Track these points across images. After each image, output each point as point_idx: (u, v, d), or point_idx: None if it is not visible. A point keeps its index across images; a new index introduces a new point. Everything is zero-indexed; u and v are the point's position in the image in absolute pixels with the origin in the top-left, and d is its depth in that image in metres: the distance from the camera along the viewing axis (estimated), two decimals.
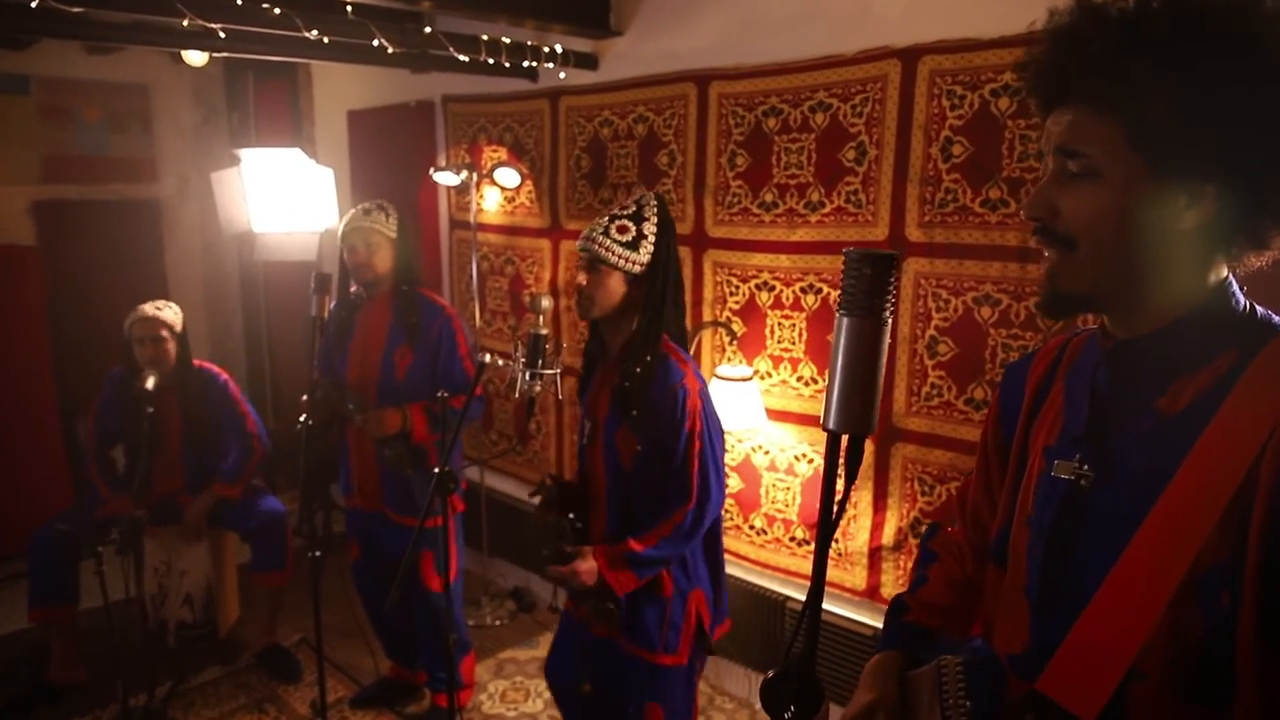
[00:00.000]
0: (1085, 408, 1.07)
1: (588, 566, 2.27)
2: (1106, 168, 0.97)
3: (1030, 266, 2.68)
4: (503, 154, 4.16)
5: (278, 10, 2.84)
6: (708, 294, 3.49)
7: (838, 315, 1.10)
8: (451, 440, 2.39)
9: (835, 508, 1.12)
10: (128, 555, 3.42)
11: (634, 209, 2.31)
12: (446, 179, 4.00)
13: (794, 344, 3.27)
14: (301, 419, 3.12)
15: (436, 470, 2.39)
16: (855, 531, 3.19)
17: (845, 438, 1.12)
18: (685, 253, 3.52)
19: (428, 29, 3.21)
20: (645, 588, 2.30)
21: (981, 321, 2.82)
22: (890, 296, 1.08)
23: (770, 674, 1.16)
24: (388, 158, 4.64)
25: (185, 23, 2.66)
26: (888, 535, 3.11)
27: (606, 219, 2.29)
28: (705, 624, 2.40)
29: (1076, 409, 1.09)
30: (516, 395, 2.31)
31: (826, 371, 1.11)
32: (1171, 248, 0.97)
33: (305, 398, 3.18)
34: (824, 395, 1.11)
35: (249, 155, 4.18)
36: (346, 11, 3.02)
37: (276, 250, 4.29)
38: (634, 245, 2.26)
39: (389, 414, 3.11)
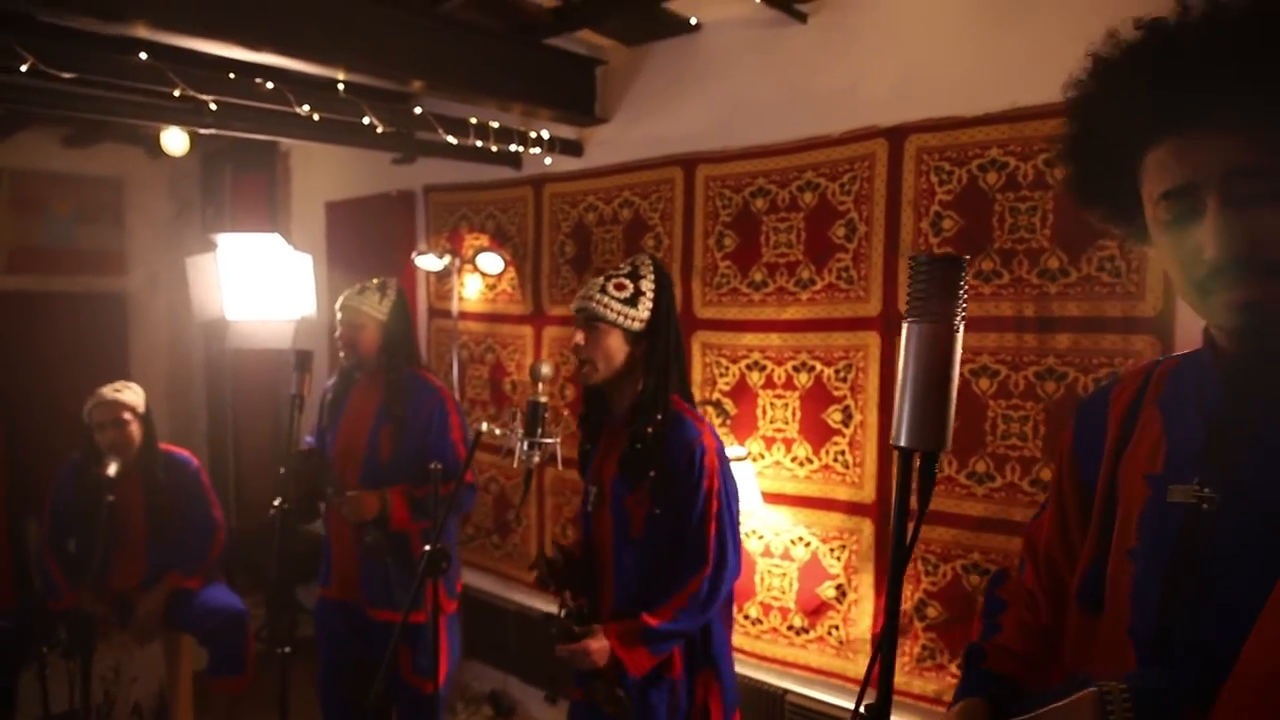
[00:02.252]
0: (1198, 428, 1.01)
1: (600, 645, 2.12)
2: None
3: (1027, 336, 2.68)
4: (485, 241, 4.15)
5: (270, 84, 2.84)
6: (697, 375, 3.44)
7: (905, 324, 1.05)
8: (444, 516, 2.26)
9: (909, 533, 1.05)
10: (74, 658, 3.18)
11: (629, 269, 2.26)
12: (429, 263, 3.97)
13: (787, 424, 3.21)
14: (276, 502, 2.96)
15: (427, 548, 2.25)
16: (856, 617, 3.07)
17: (917, 455, 1.05)
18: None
19: (417, 109, 3.22)
20: (655, 668, 2.15)
21: (980, 393, 2.79)
22: (962, 301, 1.04)
23: None
24: (366, 247, 4.61)
25: (177, 93, 2.64)
26: None
27: (602, 279, 2.25)
28: (713, 712, 2.24)
29: (1185, 431, 1.03)
30: (515, 465, 2.20)
31: (898, 387, 1.05)
32: None
33: (283, 470, 3.03)
34: (895, 410, 1.05)
35: (226, 240, 4.11)
36: (338, 89, 3.03)
37: (250, 338, 4.18)
38: (632, 302, 2.20)
39: (367, 497, 2.96)
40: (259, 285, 4.14)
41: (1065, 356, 2.63)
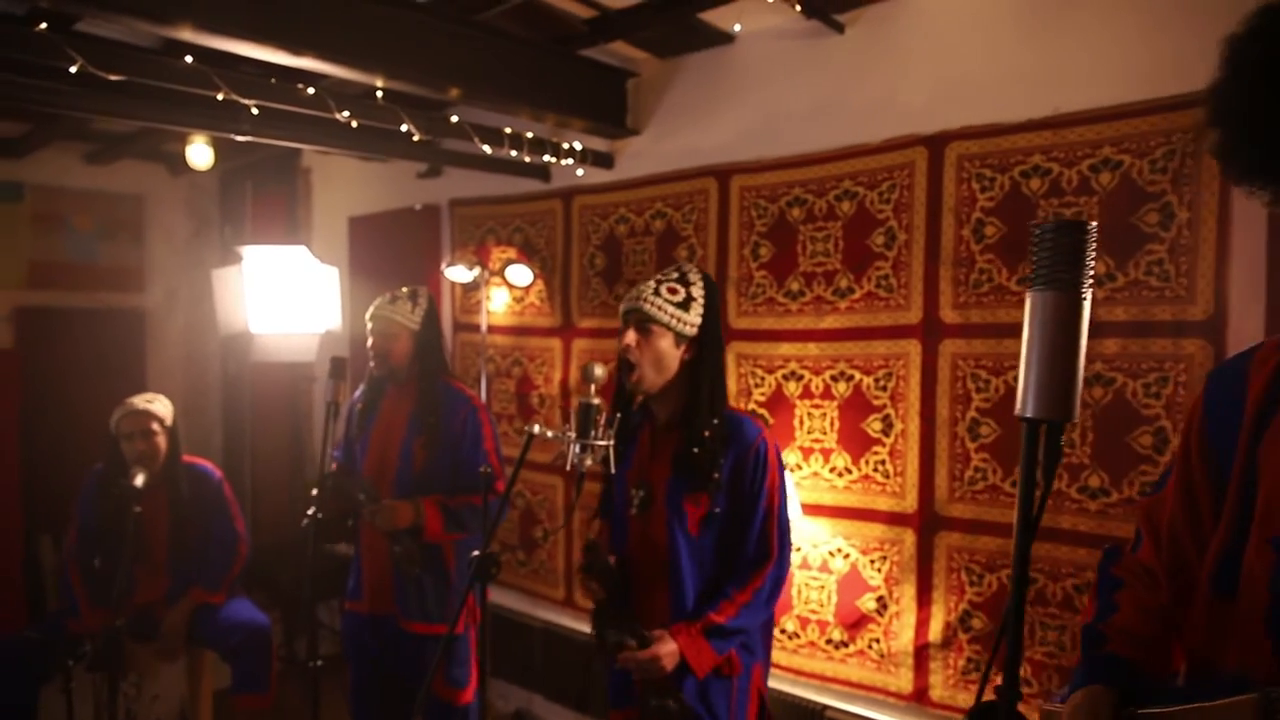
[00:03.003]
0: None
1: (669, 649, 2.09)
2: None
3: None
4: (512, 254, 4.14)
5: (311, 90, 2.84)
6: (731, 386, 3.41)
7: (1030, 293, 1.03)
8: (494, 523, 2.22)
9: (1036, 505, 1.02)
10: (100, 673, 3.12)
11: (678, 274, 2.26)
12: (459, 275, 3.95)
13: (825, 434, 3.18)
14: (310, 512, 2.92)
15: (476, 553, 2.21)
16: (898, 629, 3.02)
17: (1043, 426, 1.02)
18: None
19: (454, 118, 3.22)
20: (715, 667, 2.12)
21: None
22: (1089, 268, 1.02)
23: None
24: (390, 261, 4.60)
25: (220, 96, 2.63)
26: (935, 631, 2.94)
27: (653, 282, 2.23)
28: (763, 702, 2.23)
29: None
30: (568, 468, 2.17)
31: (1021, 357, 1.02)
32: None
33: (315, 490, 2.99)
34: (1019, 380, 1.02)
35: (251, 253, 4.10)
36: (376, 96, 3.03)
37: (274, 351, 4.15)
38: (685, 306, 2.19)
39: (400, 507, 2.92)
40: (284, 298, 4.13)
41: (1113, 362, 2.61)
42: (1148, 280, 2.55)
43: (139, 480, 3.33)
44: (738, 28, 2.81)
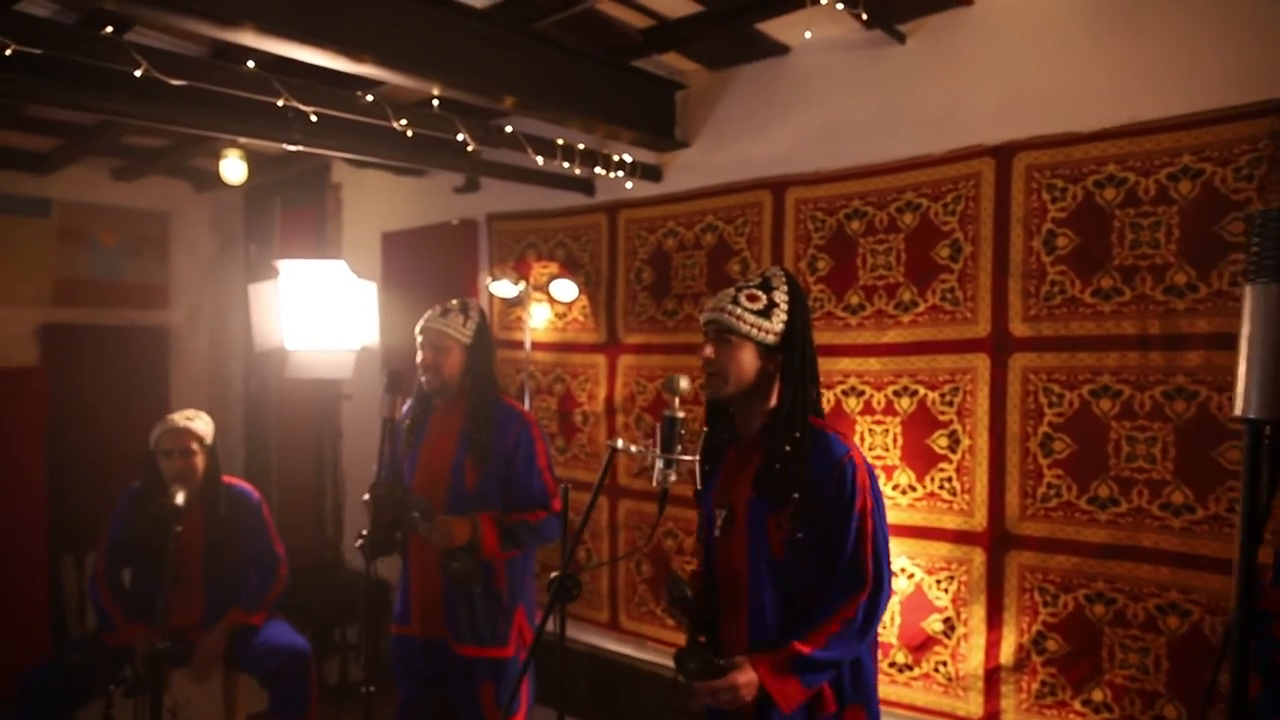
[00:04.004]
0: None
1: (747, 678, 1.97)
2: None
3: (1153, 354, 2.60)
4: (555, 269, 4.08)
5: (370, 98, 2.79)
6: None
7: (1250, 286, 0.96)
8: (577, 535, 2.14)
9: (1261, 506, 0.95)
10: (140, 696, 3.02)
11: (760, 280, 2.17)
12: (504, 290, 3.89)
13: (888, 450, 3.11)
14: (363, 533, 2.83)
15: (554, 576, 2.13)
16: (967, 652, 2.93)
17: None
18: None
19: (508, 128, 3.17)
20: (804, 705, 2.01)
21: (1101, 414, 2.70)
22: None
23: None
24: (425, 277, 4.53)
25: (280, 102, 2.58)
26: (1006, 654, 2.85)
27: (733, 290, 2.15)
28: None
29: None
30: (654, 485, 2.09)
31: (1241, 356, 0.95)
32: None
33: (366, 497, 2.91)
34: (1238, 382, 0.95)
35: (287, 267, 4.04)
36: (433, 105, 2.98)
37: (308, 368, 4.07)
38: (765, 314, 2.10)
39: (457, 523, 2.83)
40: (320, 314, 4.06)
41: (1196, 375, 2.54)
42: (1233, 291, 2.48)
43: (179, 499, 3.24)
44: (808, 35, 2.76)
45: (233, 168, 4.34)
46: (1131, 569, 2.64)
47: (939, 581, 3.00)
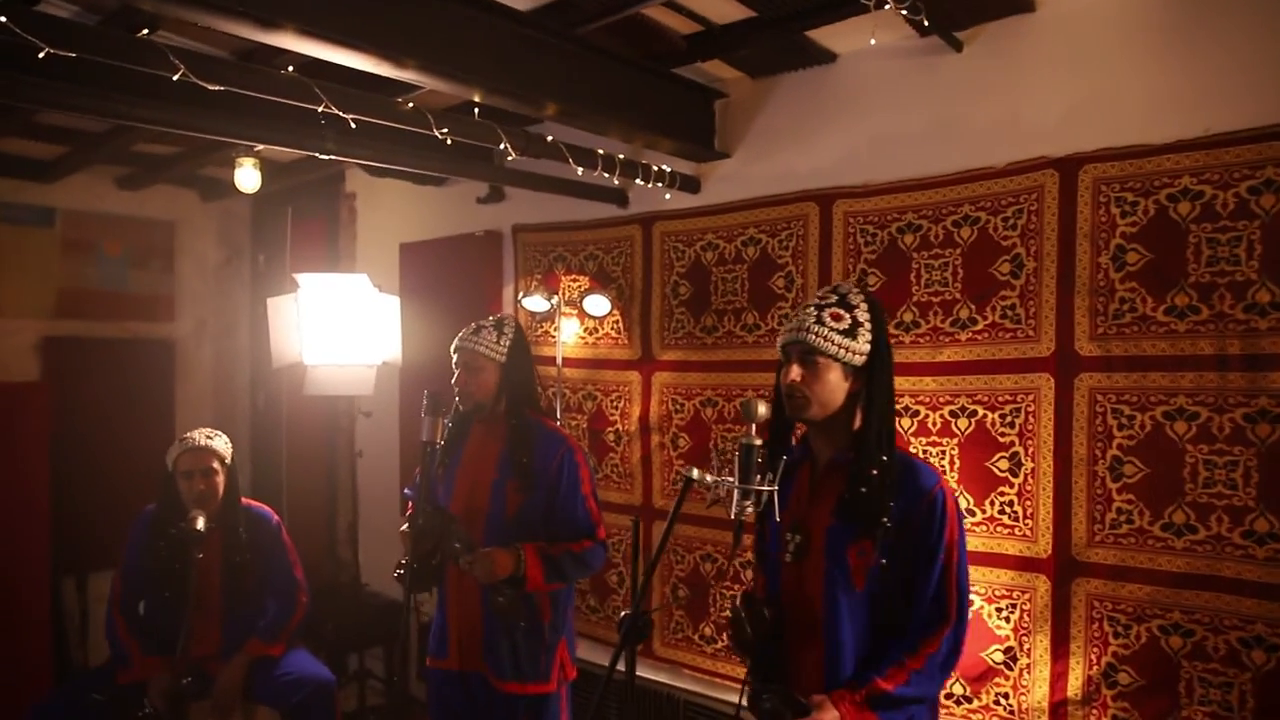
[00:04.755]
0: None
1: (831, 717, 1.86)
2: None
3: (1233, 375, 2.49)
4: (585, 282, 3.95)
5: (410, 105, 2.66)
6: None
7: None
8: (649, 570, 2.01)
9: None
10: None
11: (837, 297, 2.05)
12: (536, 305, 3.75)
13: (944, 473, 2.98)
14: (402, 563, 2.69)
15: (625, 614, 2.00)
16: (1030, 684, 2.81)
17: None
18: None
19: (550, 137, 3.05)
20: None
21: (1175, 437, 2.59)
22: None
23: None
24: (446, 291, 4.39)
25: (321, 109, 2.44)
26: (1073, 686, 2.73)
27: (813, 308, 2.03)
28: None
29: None
30: (732, 516, 1.96)
31: None
32: None
33: (405, 527, 2.77)
34: None
35: (307, 280, 3.89)
36: (474, 113, 2.86)
37: (328, 385, 3.92)
38: (851, 333, 1.99)
39: (500, 555, 2.68)
40: (341, 328, 3.92)
41: None
42: None
43: (200, 524, 3.10)
44: (873, 41, 2.66)
45: (247, 176, 4.19)
46: (1211, 599, 2.53)
47: (999, 610, 2.88)
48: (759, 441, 1.99)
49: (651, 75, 3.23)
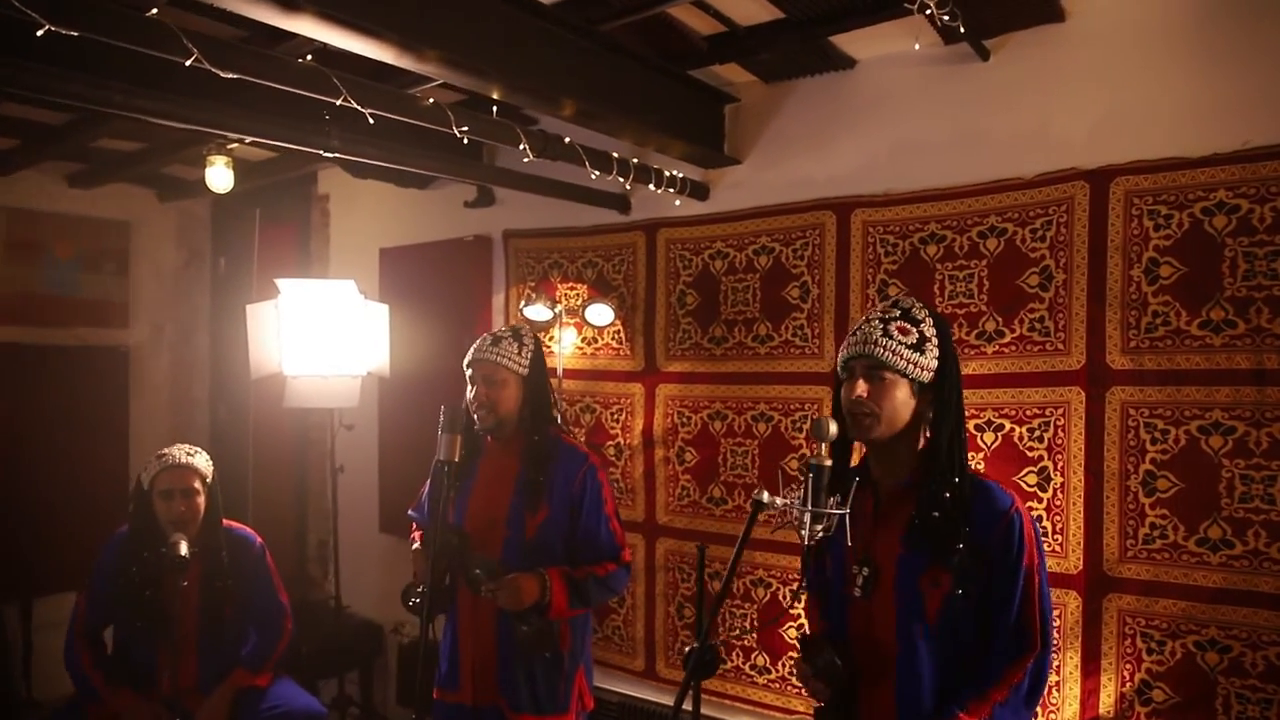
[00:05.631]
0: None
1: None
2: None
3: (1270, 390, 2.49)
4: (583, 291, 3.81)
5: (431, 100, 2.50)
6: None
7: None
8: (718, 600, 1.89)
9: None
10: None
11: (900, 311, 1.95)
12: (538, 314, 3.60)
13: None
14: (419, 588, 2.51)
15: (692, 647, 1.87)
16: (1059, 701, 2.77)
17: None
18: (825, 394, 3.20)
19: (567, 138, 2.91)
20: None
21: (1211, 452, 2.58)
22: None
23: None
24: (431, 298, 4.20)
25: (339, 102, 2.27)
26: (1105, 703, 2.70)
27: (877, 321, 1.93)
28: None
29: None
30: (808, 541, 1.85)
31: None
32: None
33: (416, 547, 2.59)
34: None
35: (288, 286, 3.67)
36: (493, 111, 2.71)
37: (309, 397, 3.71)
38: (919, 348, 1.90)
39: (527, 580, 2.52)
40: (325, 337, 3.71)
41: None
42: None
43: (183, 549, 2.88)
44: (917, 46, 2.59)
45: (219, 175, 3.94)
46: (1249, 615, 2.51)
47: None
48: (829, 462, 1.89)
49: (666, 76, 3.12)
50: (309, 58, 2.25)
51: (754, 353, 3.38)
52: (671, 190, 3.29)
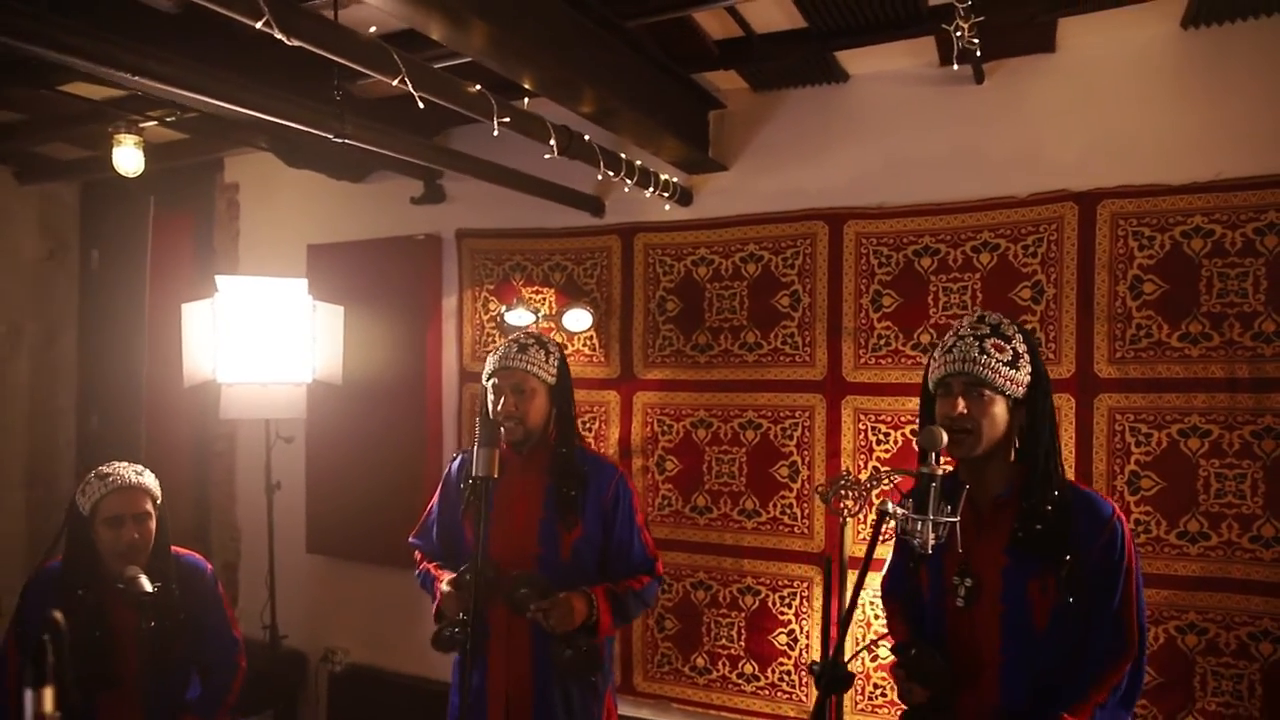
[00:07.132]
0: None
1: None
2: None
3: (1241, 396, 2.76)
4: (550, 295, 3.65)
5: (477, 87, 2.31)
6: (846, 443, 3.21)
7: None
8: (847, 616, 1.85)
9: None
10: None
11: (989, 328, 2.00)
12: (520, 318, 3.41)
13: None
14: (453, 628, 2.31)
15: (817, 663, 1.82)
16: None
17: None
18: (817, 400, 3.24)
19: (586, 136, 2.78)
20: None
21: (1189, 453, 2.82)
22: None
23: None
24: (369, 300, 3.87)
25: (395, 81, 2.06)
26: None
27: (971, 339, 1.97)
28: None
29: None
30: (928, 550, 1.85)
31: None
32: None
33: (445, 587, 2.38)
34: None
35: (227, 284, 3.30)
36: (524, 103, 2.55)
37: (247, 406, 3.33)
38: (1014, 364, 1.96)
39: (577, 600, 2.38)
40: (266, 341, 3.35)
41: None
42: None
43: (145, 583, 2.51)
44: (955, 67, 2.65)
45: (128, 157, 3.46)
46: (1223, 599, 2.77)
47: None
48: (940, 471, 1.90)
49: (669, 77, 3.06)
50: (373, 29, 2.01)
51: (741, 360, 3.37)
52: (665, 195, 3.22)
